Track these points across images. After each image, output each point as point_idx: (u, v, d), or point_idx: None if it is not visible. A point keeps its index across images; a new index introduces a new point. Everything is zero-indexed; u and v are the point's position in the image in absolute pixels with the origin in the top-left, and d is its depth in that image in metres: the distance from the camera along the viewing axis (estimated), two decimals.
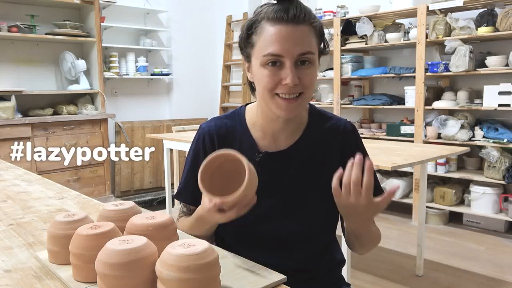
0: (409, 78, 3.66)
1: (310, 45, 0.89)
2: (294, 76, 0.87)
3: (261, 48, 0.89)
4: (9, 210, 1.19)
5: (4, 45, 3.80)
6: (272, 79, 0.89)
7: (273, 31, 0.87)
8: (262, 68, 0.90)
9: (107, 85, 4.37)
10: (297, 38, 0.87)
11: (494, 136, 3.15)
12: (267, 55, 0.88)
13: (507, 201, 3.11)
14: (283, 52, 0.87)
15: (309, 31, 0.89)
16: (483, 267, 2.64)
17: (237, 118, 1.04)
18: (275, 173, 0.99)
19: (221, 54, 5.13)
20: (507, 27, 2.99)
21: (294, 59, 0.87)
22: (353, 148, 1.02)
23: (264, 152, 0.99)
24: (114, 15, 4.39)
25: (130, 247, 0.66)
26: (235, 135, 1.02)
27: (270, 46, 0.87)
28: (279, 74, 0.88)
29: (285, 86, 0.88)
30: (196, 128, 1.08)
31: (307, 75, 0.89)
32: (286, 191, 0.99)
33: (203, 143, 1.03)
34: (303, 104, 0.93)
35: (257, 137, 1.01)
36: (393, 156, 2.14)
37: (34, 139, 3.63)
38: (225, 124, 1.03)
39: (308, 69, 0.90)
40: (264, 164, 0.98)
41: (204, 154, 1.02)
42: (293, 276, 0.82)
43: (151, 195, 4.45)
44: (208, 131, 1.03)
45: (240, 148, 1.00)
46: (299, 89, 0.90)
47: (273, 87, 0.90)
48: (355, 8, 3.88)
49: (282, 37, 0.87)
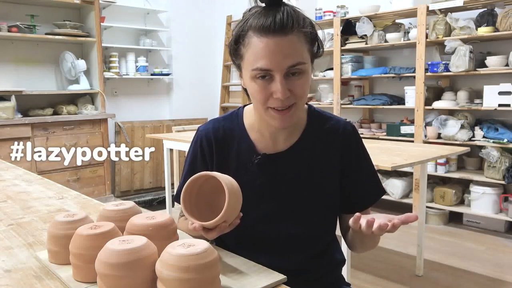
0: (409, 78, 3.66)
1: (300, 55, 0.85)
2: (284, 90, 0.85)
3: (250, 62, 0.86)
4: (9, 210, 1.19)
5: (4, 45, 3.80)
6: (263, 93, 0.87)
7: (261, 45, 0.84)
8: (252, 82, 0.88)
9: (107, 85, 4.37)
10: (286, 50, 0.83)
11: (494, 136, 3.15)
12: (256, 69, 0.85)
13: (507, 201, 3.11)
14: (272, 66, 0.84)
15: (298, 40, 0.85)
16: (483, 267, 2.64)
17: (235, 120, 1.03)
18: (274, 175, 0.98)
19: (221, 54, 5.13)
20: (507, 27, 2.99)
21: (283, 72, 0.84)
22: (353, 149, 1.02)
23: (262, 154, 0.98)
24: (114, 15, 4.39)
25: (130, 247, 0.66)
26: (233, 137, 1.01)
27: (258, 61, 0.84)
28: (270, 87, 0.86)
29: (276, 100, 0.86)
30: (196, 128, 1.08)
31: (298, 86, 0.87)
32: (285, 192, 0.98)
33: (200, 146, 1.02)
34: (296, 113, 0.91)
35: (255, 139, 1.00)
36: (393, 156, 2.14)
37: (34, 139, 3.63)
38: (223, 126, 1.02)
39: (300, 79, 0.87)
40: (263, 166, 0.98)
41: (202, 156, 1.02)
42: (293, 276, 0.82)
43: (151, 195, 4.45)
44: (205, 134, 1.02)
45: (238, 150, 1.00)
46: (291, 100, 0.88)
47: (265, 100, 0.88)
48: (355, 8, 3.88)
49: (270, 51, 0.83)
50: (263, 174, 0.97)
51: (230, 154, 1.00)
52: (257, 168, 0.98)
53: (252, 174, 0.98)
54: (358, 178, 1.02)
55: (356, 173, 1.02)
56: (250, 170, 0.98)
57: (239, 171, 0.98)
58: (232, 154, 1.00)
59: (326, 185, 1.00)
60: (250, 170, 0.98)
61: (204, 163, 1.02)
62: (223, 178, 0.78)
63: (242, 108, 1.05)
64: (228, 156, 1.00)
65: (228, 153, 1.00)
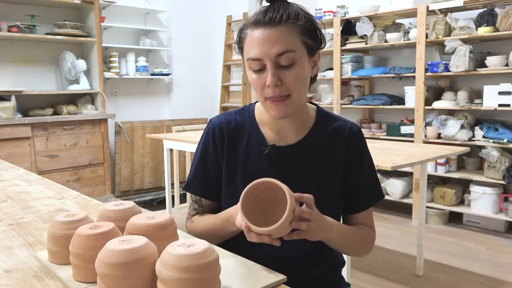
0: (409, 78, 3.66)
1: (289, 44, 0.89)
2: (272, 77, 0.89)
3: (246, 53, 0.93)
4: (9, 210, 1.19)
5: (4, 45, 3.80)
6: (258, 83, 0.92)
7: (253, 36, 0.90)
8: (250, 72, 0.94)
9: (107, 85, 4.37)
10: (274, 40, 0.88)
11: (494, 136, 3.15)
12: (249, 59, 0.91)
13: (507, 201, 3.11)
14: (262, 55, 0.89)
15: (288, 31, 0.89)
16: (483, 267, 2.64)
17: (246, 114, 1.06)
18: (281, 167, 1.00)
19: (221, 54, 5.13)
20: (507, 27, 2.99)
21: (273, 60, 0.89)
22: (357, 151, 1.04)
23: (272, 145, 1.01)
24: (114, 15, 4.39)
25: (130, 247, 0.66)
26: (244, 129, 1.04)
27: (251, 51, 0.91)
28: (264, 77, 0.91)
29: (269, 89, 0.90)
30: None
31: (289, 76, 0.90)
32: (291, 186, 0.98)
33: (212, 136, 1.04)
34: (291, 105, 0.93)
35: (265, 132, 1.03)
36: (393, 156, 2.14)
37: (34, 139, 3.63)
38: (235, 119, 1.05)
39: (291, 69, 0.90)
40: (271, 157, 1.00)
41: (213, 147, 1.05)
42: (293, 274, 0.82)
43: (151, 195, 4.45)
44: (218, 124, 1.05)
45: (248, 141, 1.03)
46: (284, 91, 0.91)
47: (261, 91, 0.92)
48: (355, 8, 3.88)
49: (260, 41, 0.89)
50: (271, 166, 1.00)
51: (240, 145, 1.03)
52: (266, 160, 1.00)
53: (260, 165, 1.00)
54: (359, 179, 1.04)
55: (358, 174, 1.04)
56: (258, 161, 1.01)
57: (247, 162, 1.01)
58: (242, 144, 1.03)
59: (330, 183, 1.01)
60: (259, 161, 1.01)
61: (215, 153, 1.04)
62: (290, 195, 0.78)
63: (254, 104, 1.09)
64: (238, 146, 1.03)
65: (238, 144, 1.03)
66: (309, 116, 1.04)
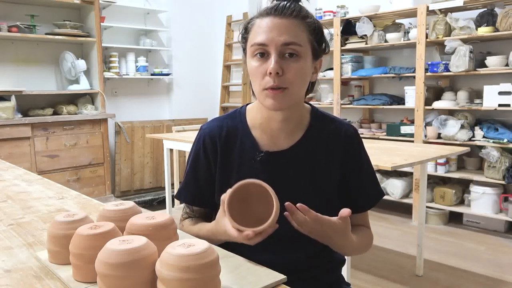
0: (409, 78, 3.66)
1: (296, 36, 0.89)
2: (276, 64, 0.88)
3: (251, 39, 0.92)
4: (9, 210, 1.19)
5: (4, 45, 3.80)
6: (259, 70, 0.90)
7: (261, 24, 0.90)
8: (251, 59, 0.92)
9: (107, 85, 4.37)
10: (283, 28, 0.88)
11: (494, 136, 3.15)
12: (254, 44, 0.90)
13: (507, 201, 3.11)
14: (268, 41, 0.88)
15: (298, 25, 0.89)
16: (483, 267, 2.64)
17: (237, 118, 1.04)
18: (276, 172, 0.99)
19: (221, 54, 5.13)
20: (507, 27, 2.99)
21: (278, 48, 0.88)
22: (354, 153, 1.03)
23: (265, 152, 0.99)
24: (114, 15, 4.39)
25: (130, 247, 0.66)
26: (236, 135, 1.02)
27: (256, 37, 0.90)
28: (266, 65, 0.89)
29: (269, 77, 0.89)
30: (196, 128, 1.09)
31: (291, 68, 0.89)
32: (286, 191, 0.98)
33: (203, 144, 1.03)
34: (288, 98, 0.91)
35: (258, 137, 1.01)
36: (393, 156, 2.14)
37: (34, 139, 3.63)
38: (226, 125, 1.03)
39: (295, 62, 0.89)
40: (265, 163, 0.99)
41: (204, 155, 1.03)
42: (293, 275, 0.82)
43: (151, 195, 4.45)
44: (209, 132, 1.03)
45: (241, 147, 1.01)
46: (283, 82, 0.89)
47: (261, 79, 0.90)
48: (355, 8, 3.88)
49: (268, 27, 0.89)
50: (265, 172, 0.98)
51: (233, 152, 1.01)
52: (259, 165, 0.99)
53: (254, 171, 0.98)
54: (358, 181, 1.03)
55: (356, 176, 1.03)
56: (252, 167, 0.99)
57: (241, 168, 0.99)
58: (235, 151, 1.01)
59: (327, 185, 1.01)
60: (253, 167, 0.99)
61: (206, 161, 1.02)
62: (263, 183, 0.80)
63: (245, 107, 1.06)
64: (231, 153, 1.01)
65: (231, 151, 1.01)
66: (303, 118, 1.02)
